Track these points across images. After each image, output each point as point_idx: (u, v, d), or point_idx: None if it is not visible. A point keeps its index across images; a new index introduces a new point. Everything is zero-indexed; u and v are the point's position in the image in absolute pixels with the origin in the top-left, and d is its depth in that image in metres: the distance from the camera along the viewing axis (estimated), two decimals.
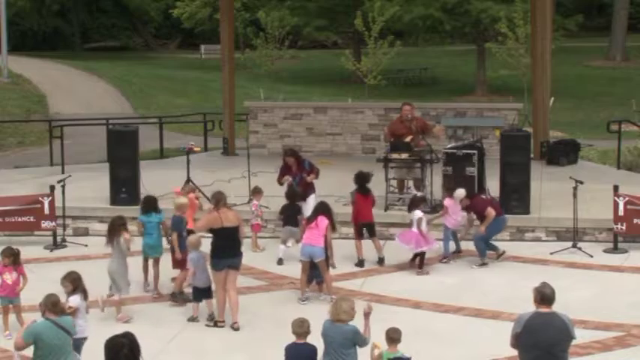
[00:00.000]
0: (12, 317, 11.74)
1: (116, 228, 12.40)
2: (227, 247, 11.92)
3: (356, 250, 14.71)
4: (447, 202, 14.98)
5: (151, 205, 13.72)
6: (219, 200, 12.11)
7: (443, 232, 14.91)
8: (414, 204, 14.56)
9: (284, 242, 14.98)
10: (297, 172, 15.79)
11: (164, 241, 13.59)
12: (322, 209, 13.26)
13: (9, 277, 11.72)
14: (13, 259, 11.78)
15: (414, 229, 14.21)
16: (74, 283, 10.24)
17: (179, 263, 13.07)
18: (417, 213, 14.32)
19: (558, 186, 16.52)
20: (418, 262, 14.32)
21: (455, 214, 14.84)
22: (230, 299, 11.94)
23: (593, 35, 60.10)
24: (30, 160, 24.18)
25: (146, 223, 13.52)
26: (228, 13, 22.60)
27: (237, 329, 11.82)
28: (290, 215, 14.92)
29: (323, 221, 13.02)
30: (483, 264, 14.53)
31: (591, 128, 30.06)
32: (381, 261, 14.69)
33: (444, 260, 14.73)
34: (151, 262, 13.49)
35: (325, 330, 9.17)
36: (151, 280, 13.44)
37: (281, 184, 15.81)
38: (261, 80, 45.26)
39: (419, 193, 15.01)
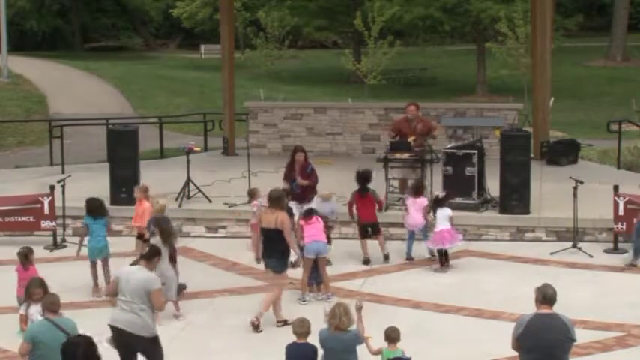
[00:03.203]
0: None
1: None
2: (264, 246, 12.19)
3: (361, 248, 14.77)
4: (408, 201, 14.98)
5: (98, 208, 13.57)
6: (268, 199, 12.33)
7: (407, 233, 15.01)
8: (439, 203, 14.50)
9: None
10: (299, 173, 15.75)
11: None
12: (313, 211, 13.35)
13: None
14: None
15: (444, 226, 14.20)
16: (44, 287, 10.12)
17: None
18: (449, 211, 14.38)
19: (558, 186, 16.51)
20: (445, 258, 14.39)
21: (414, 213, 14.72)
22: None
23: (593, 35, 60.05)
24: (30, 160, 24.13)
25: (91, 225, 13.38)
26: (228, 13, 22.58)
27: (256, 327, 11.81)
28: None
29: (318, 218, 13.15)
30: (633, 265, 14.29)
31: (591, 128, 30.03)
32: (386, 258, 14.74)
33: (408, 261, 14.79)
34: (99, 263, 13.34)
35: (323, 339, 9.07)
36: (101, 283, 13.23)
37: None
38: (261, 80, 45.21)
39: (441, 194, 14.93)
